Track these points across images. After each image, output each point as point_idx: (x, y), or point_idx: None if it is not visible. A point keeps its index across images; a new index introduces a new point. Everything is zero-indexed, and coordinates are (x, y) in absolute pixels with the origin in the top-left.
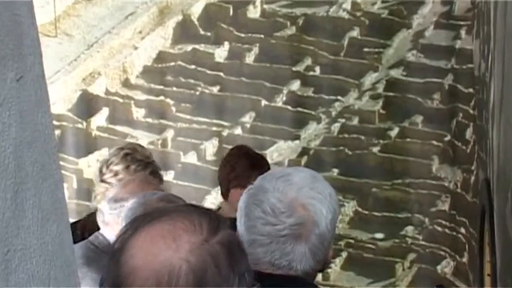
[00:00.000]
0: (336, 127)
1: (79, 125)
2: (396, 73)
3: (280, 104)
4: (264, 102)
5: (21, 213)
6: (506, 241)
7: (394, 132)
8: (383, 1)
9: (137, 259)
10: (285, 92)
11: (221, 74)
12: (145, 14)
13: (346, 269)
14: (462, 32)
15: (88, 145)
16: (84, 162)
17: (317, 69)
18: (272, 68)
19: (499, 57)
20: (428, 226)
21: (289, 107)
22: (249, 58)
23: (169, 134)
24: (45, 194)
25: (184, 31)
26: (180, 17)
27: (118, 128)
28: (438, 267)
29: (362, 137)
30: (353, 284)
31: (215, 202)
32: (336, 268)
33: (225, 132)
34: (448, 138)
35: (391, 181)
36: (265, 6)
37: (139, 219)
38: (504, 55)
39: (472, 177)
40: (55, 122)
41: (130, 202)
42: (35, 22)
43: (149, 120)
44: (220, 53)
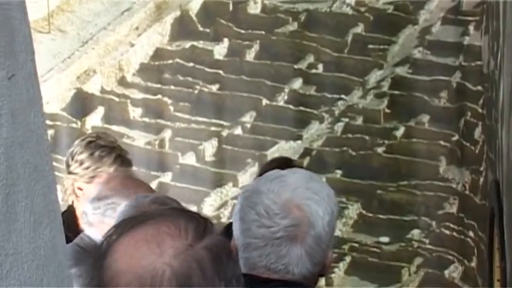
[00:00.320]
0: (339, 127)
1: (73, 125)
2: (402, 71)
3: (281, 103)
4: (265, 101)
5: (12, 216)
6: None
7: (400, 132)
8: None
9: (120, 263)
10: (287, 91)
11: (220, 72)
12: (142, 10)
13: (350, 274)
14: (470, 28)
15: None
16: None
17: (320, 66)
18: (273, 66)
19: (509, 53)
20: (435, 229)
21: (290, 106)
22: (249, 55)
23: (166, 134)
24: (37, 196)
25: (182, 27)
26: (178, 13)
27: (114, 128)
28: (446, 272)
29: (366, 137)
30: None
31: (214, 204)
32: (340, 273)
33: (225, 132)
34: (456, 138)
35: (397, 183)
36: (265, 1)
37: (125, 222)
38: None
39: (481, 178)
40: (48, 122)
41: (121, 205)
42: (27, 18)
43: (146, 119)
44: (219, 50)
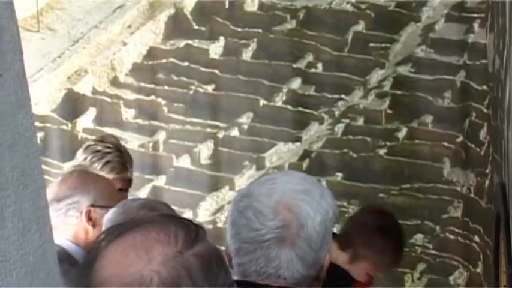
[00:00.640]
0: (340, 128)
1: (64, 127)
2: (404, 70)
3: (279, 104)
4: (263, 101)
5: (0, 222)
6: None
7: (402, 133)
8: None
9: (108, 270)
10: (285, 91)
11: (216, 72)
12: (134, 7)
13: None
14: (475, 25)
15: (73, 148)
16: (69, 166)
17: (319, 66)
18: (271, 65)
19: None
20: (439, 234)
21: (289, 107)
22: (246, 54)
23: (161, 136)
24: (26, 201)
25: (176, 26)
26: (172, 11)
27: (106, 130)
28: (450, 278)
29: (368, 139)
30: None
31: (210, 209)
32: None
33: (221, 133)
34: (461, 139)
35: (399, 186)
36: None
37: (113, 229)
38: None
39: (487, 181)
40: (38, 124)
41: (109, 212)
42: (15, 16)
43: (139, 121)
44: (215, 49)
